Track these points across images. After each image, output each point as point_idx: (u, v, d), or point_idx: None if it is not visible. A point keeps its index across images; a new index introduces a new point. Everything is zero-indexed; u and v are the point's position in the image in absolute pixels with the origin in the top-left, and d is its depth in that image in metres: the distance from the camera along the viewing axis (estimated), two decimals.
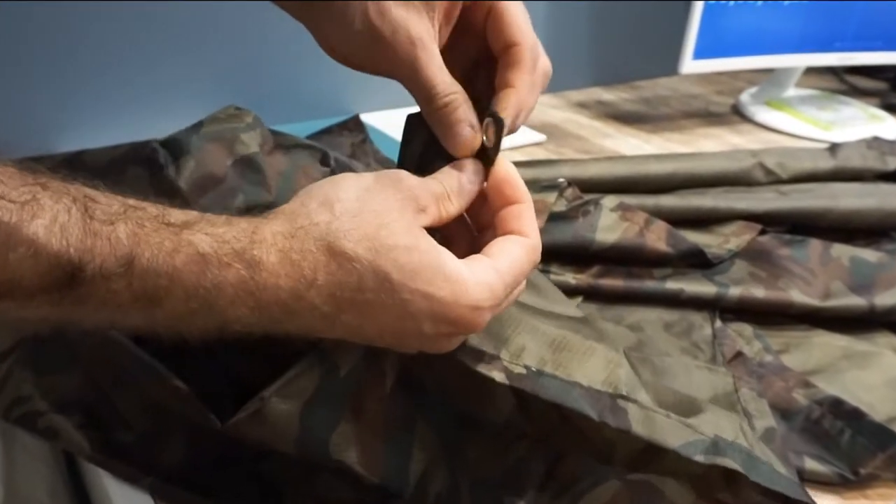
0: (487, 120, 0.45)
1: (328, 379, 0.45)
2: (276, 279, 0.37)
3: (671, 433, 0.46)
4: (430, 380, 0.48)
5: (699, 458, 0.45)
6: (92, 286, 0.34)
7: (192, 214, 0.38)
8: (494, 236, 0.44)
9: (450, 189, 0.43)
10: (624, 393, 0.47)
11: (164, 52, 0.98)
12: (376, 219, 0.39)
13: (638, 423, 0.46)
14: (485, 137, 0.45)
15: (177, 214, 0.37)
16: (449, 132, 0.45)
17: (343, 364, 0.45)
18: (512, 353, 0.47)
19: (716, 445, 0.46)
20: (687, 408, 0.49)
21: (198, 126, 0.61)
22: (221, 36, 1.01)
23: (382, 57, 0.45)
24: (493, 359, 0.46)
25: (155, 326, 0.38)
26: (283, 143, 0.66)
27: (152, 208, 0.37)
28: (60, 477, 0.56)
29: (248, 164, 0.60)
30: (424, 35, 0.44)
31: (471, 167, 0.45)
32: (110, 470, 0.49)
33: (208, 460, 0.49)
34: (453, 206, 0.43)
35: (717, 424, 0.48)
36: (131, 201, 0.36)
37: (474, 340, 0.46)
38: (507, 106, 0.45)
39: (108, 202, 0.36)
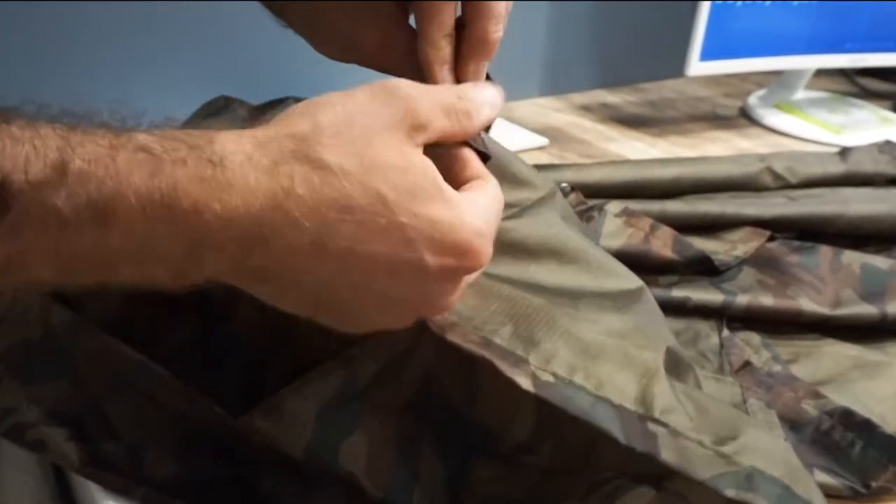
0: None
1: (348, 385, 0.46)
2: (246, 178, 0.33)
3: (702, 463, 0.44)
4: (456, 393, 0.47)
5: (730, 492, 0.43)
6: (24, 202, 0.30)
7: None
8: None
9: (472, 104, 0.39)
10: (656, 415, 0.45)
11: (156, 52, 0.98)
12: (364, 134, 0.35)
13: (667, 449, 0.44)
14: None
15: (111, 126, 0.33)
16: None
17: (364, 372, 0.45)
18: (541, 359, 0.45)
19: (750, 479, 0.44)
20: (729, 425, 0.47)
21: (186, 123, 0.61)
22: (216, 36, 1.02)
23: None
24: (521, 362, 0.45)
25: (116, 268, 0.33)
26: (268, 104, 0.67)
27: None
28: (49, 490, 0.56)
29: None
30: (376, 48, 0.46)
31: (493, 91, 0.42)
32: (101, 482, 0.49)
33: (202, 473, 0.49)
34: (470, 124, 0.39)
35: (756, 448, 0.46)
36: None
37: (503, 337, 0.45)
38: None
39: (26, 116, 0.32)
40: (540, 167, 0.88)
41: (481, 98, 0.40)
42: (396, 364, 0.46)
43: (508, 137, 1.11)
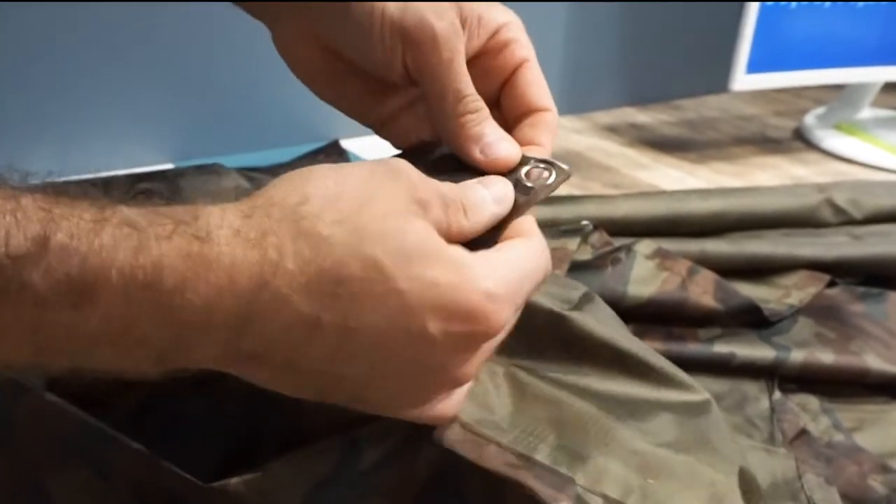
0: (538, 165, 0.48)
1: (348, 464, 0.47)
2: (232, 256, 0.36)
3: None
4: (477, 490, 0.48)
5: None
6: (2, 278, 0.33)
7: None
8: None
9: (468, 200, 0.43)
10: None
11: (116, 69, 0.99)
12: (359, 201, 0.38)
13: None
14: (527, 182, 0.47)
15: (96, 198, 0.36)
16: (474, 146, 0.48)
17: (368, 454, 0.47)
18: (590, 478, 0.46)
19: None
20: None
21: (176, 174, 0.65)
22: (188, 53, 1.03)
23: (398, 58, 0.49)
24: (566, 483, 0.45)
25: (95, 350, 0.36)
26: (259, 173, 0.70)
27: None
28: None
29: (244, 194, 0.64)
30: (451, 34, 0.48)
31: (500, 187, 0.46)
32: None
33: None
34: (466, 222, 0.43)
35: None
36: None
37: (545, 450, 0.46)
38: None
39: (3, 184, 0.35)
40: (557, 200, 0.88)
41: (481, 195, 0.44)
42: (410, 445, 0.47)
43: None
